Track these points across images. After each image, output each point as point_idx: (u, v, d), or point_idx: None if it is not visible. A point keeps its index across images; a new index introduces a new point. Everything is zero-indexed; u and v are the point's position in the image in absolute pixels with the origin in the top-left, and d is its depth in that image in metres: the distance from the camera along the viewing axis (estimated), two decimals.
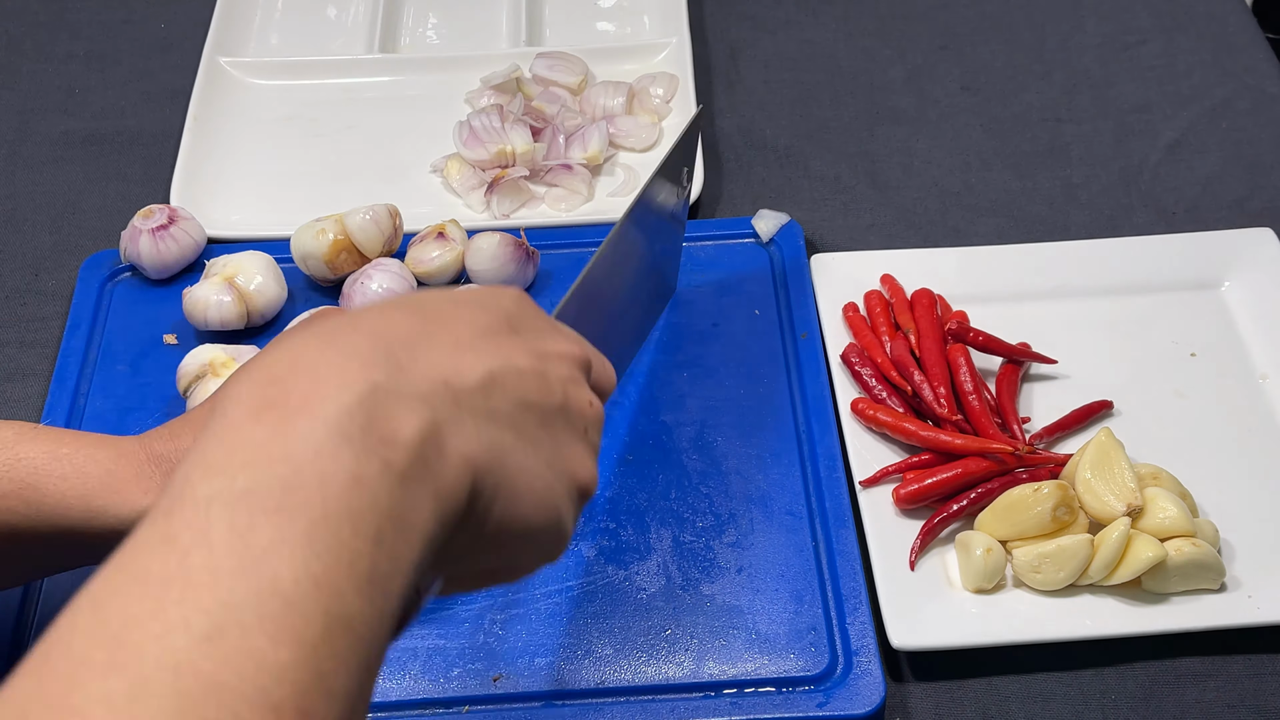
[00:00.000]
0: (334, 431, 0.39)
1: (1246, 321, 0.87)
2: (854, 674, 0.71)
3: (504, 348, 0.47)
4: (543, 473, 0.47)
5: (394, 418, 0.41)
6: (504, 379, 0.46)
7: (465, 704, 0.71)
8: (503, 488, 0.45)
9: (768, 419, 0.82)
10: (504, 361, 0.47)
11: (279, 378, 0.41)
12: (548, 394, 0.48)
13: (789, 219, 0.93)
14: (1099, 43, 1.10)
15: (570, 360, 0.51)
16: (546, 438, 0.48)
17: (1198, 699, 0.72)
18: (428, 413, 0.42)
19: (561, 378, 0.49)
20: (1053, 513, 0.73)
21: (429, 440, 0.41)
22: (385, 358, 0.42)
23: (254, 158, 1.01)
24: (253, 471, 0.38)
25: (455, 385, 0.44)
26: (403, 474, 0.40)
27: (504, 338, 0.48)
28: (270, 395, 0.40)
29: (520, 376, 0.47)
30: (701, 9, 1.13)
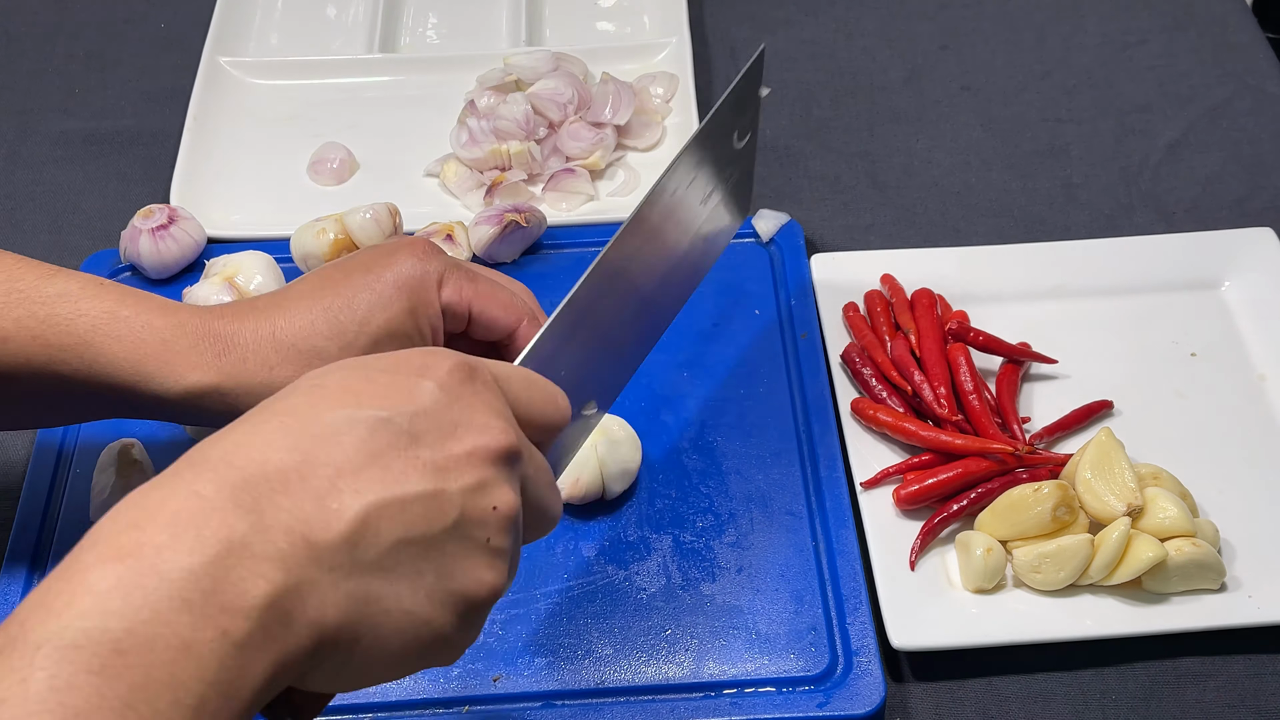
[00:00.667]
0: (175, 594, 0.39)
1: (1246, 321, 0.87)
2: (854, 674, 0.71)
3: (392, 472, 0.45)
4: (416, 609, 0.46)
5: (240, 583, 0.40)
6: (379, 520, 0.44)
7: (465, 704, 0.71)
8: (362, 636, 0.44)
9: (768, 419, 0.82)
10: (385, 494, 0.45)
11: (138, 524, 0.41)
12: (438, 518, 0.46)
13: (789, 219, 0.93)
14: (1099, 43, 1.10)
15: (478, 460, 0.48)
16: (429, 567, 0.46)
17: (1198, 699, 0.72)
18: (279, 577, 0.41)
19: (462, 489, 0.47)
20: (1053, 513, 0.73)
21: (274, 607, 0.41)
22: (247, 509, 0.42)
23: (254, 158, 1.01)
24: (85, 623, 0.38)
25: (317, 542, 0.43)
26: (239, 642, 0.40)
27: (396, 457, 0.46)
28: (124, 543, 0.40)
29: (403, 508, 0.45)
30: (701, 9, 1.13)
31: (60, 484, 0.80)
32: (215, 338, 0.64)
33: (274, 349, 0.64)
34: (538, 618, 0.74)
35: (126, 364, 0.63)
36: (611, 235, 0.65)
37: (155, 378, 0.63)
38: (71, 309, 0.63)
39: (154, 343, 0.63)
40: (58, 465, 0.81)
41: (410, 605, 0.45)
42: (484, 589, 0.48)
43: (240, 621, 0.40)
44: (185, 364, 0.63)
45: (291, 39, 1.12)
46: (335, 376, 0.48)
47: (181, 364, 0.63)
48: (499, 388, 0.51)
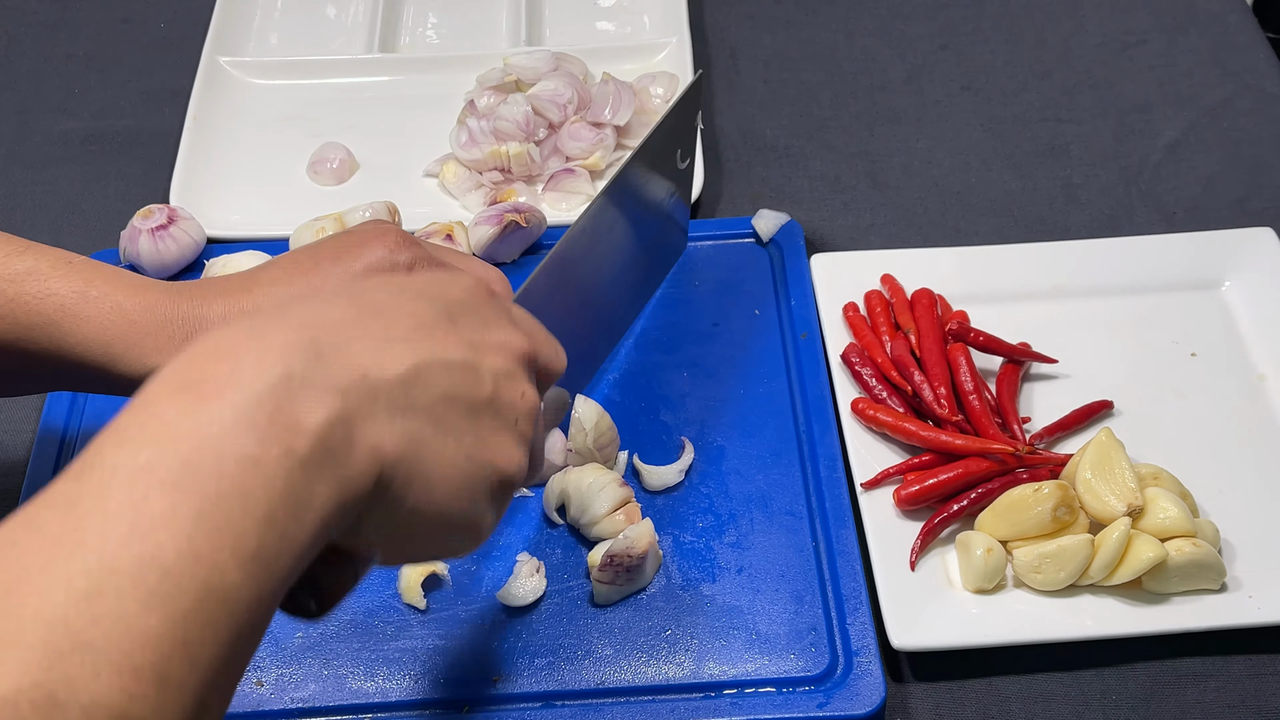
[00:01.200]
0: (240, 416, 0.41)
1: (1246, 321, 0.87)
2: (854, 674, 0.71)
3: (436, 340, 0.48)
4: (461, 463, 0.48)
5: (303, 406, 0.43)
6: (429, 372, 0.47)
7: (465, 704, 0.71)
8: (415, 476, 0.46)
9: (768, 419, 0.82)
10: (432, 355, 0.48)
11: (200, 360, 0.43)
12: (476, 387, 0.49)
13: (789, 219, 0.93)
14: (1099, 43, 1.10)
15: (507, 353, 0.52)
16: (469, 429, 0.49)
17: (1198, 699, 0.72)
18: (339, 403, 0.43)
19: (494, 370, 0.50)
20: (1053, 513, 0.73)
21: (336, 430, 0.43)
22: (307, 347, 0.44)
23: (254, 158, 1.01)
24: (157, 447, 0.40)
25: (374, 378, 0.45)
26: (304, 460, 0.42)
27: (439, 330, 0.49)
28: (189, 377, 0.42)
29: (447, 369, 0.48)
30: (701, 9, 1.13)
31: None
32: (182, 321, 0.64)
33: None
34: (538, 618, 0.74)
35: (95, 345, 0.64)
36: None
37: (123, 360, 0.64)
38: (40, 288, 0.64)
39: (121, 324, 0.64)
40: (58, 465, 0.81)
41: (454, 457, 0.48)
42: (513, 465, 0.51)
43: (303, 440, 0.42)
44: (151, 347, 0.64)
45: (291, 39, 1.12)
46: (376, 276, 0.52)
47: (148, 347, 0.64)
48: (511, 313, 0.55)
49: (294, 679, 0.72)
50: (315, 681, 0.72)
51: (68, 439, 0.83)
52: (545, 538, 0.77)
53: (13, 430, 0.86)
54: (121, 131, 1.05)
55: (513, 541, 0.77)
